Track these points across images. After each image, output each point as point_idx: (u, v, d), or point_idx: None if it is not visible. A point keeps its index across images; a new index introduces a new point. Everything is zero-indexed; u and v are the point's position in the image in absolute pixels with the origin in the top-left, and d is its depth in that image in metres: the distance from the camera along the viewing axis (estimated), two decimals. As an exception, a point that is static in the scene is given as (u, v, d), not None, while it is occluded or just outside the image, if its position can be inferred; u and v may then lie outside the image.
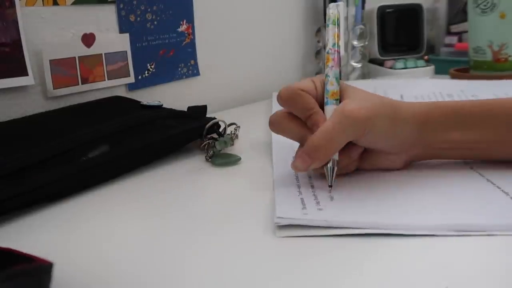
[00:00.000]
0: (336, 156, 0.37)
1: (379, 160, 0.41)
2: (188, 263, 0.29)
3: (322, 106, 0.39)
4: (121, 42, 0.64)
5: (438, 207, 0.34)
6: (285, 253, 0.30)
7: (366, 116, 0.36)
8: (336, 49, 0.41)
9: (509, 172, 0.39)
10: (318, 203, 0.35)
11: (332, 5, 0.44)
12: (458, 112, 0.39)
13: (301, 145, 0.40)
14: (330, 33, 0.42)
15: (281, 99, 0.39)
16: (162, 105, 0.55)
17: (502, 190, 0.36)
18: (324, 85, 0.40)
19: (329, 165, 0.37)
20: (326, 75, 0.40)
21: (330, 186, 0.37)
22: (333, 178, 0.37)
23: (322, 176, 0.39)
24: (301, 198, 0.36)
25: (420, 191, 0.37)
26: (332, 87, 0.39)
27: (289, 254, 0.30)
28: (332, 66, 0.40)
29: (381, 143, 0.39)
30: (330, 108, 0.38)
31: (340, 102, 0.39)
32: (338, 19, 0.43)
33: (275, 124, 0.41)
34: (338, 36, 0.42)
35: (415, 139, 0.39)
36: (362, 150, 0.40)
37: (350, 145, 0.38)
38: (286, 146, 0.46)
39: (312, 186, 0.39)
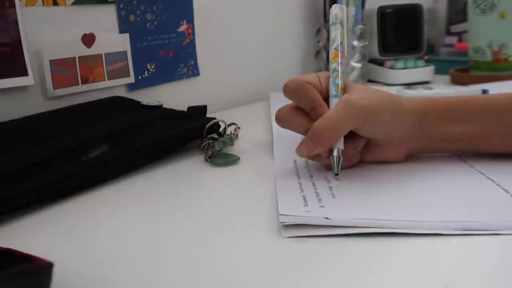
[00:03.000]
0: (341, 146, 0.39)
1: (381, 152, 0.43)
2: (189, 264, 0.29)
3: (325, 100, 0.41)
4: (121, 42, 0.64)
5: (441, 205, 0.34)
6: (288, 252, 0.30)
7: (367, 104, 0.38)
8: (343, 47, 0.44)
9: (509, 170, 0.39)
10: (320, 200, 0.35)
11: (336, 5, 0.46)
12: (453, 107, 0.42)
13: None
14: (338, 32, 0.44)
15: (287, 90, 0.41)
16: (162, 105, 0.55)
17: (503, 188, 0.36)
18: (328, 80, 0.42)
19: (335, 153, 0.38)
20: (334, 70, 0.42)
21: (337, 175, 0.39)
22: (339, 167, 0.38)
23: (328, 168, 0.41)
24: (303, 195, 0.36)
25: (421, 189, 0.37)
26: (341, 81, 0.41)
27: (291, 253, 0.30)
28: (341, 62, 0.42)
29: (383, 133, 0.40)
30: (335, 101, 0.40)
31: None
32: (342, 20, 0.45)
33: (282, 118, 0.42)
34: (343, 35, 0.44)
35: (415, 131, 0.41)
36: (365, 141, 0.41)
37: (355, 136, 0.40)
38: (286, 145, 0.46)
39: (314, 184, 0.39)
